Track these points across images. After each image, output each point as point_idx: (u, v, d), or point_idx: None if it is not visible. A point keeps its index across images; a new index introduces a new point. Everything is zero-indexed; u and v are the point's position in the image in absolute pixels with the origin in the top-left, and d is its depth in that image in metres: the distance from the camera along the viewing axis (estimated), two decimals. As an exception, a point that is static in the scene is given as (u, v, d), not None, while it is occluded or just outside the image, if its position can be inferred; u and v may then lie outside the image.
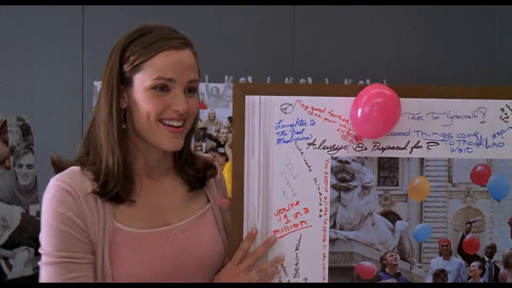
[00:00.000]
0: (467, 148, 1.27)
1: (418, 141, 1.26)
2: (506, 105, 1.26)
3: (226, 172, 2.79)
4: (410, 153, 1.26)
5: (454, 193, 1.29)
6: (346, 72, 3.02)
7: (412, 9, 2.97)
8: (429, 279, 1.29)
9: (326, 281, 1.25)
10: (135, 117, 1.13)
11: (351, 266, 1.29)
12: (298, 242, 1.26)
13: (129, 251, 1.11)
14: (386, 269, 1.30)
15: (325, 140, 1.25)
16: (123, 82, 1.13)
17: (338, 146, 1.25)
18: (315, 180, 1.25)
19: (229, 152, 2.88)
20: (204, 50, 3.15)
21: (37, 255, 2.54)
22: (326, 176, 1.25)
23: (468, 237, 1.30)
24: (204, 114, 2.92)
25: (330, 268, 1.27)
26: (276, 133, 1.24)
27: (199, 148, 2.92)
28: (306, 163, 1.25)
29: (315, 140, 1.25)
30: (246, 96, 1.24)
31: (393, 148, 1.26)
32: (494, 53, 3.12)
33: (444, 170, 1.28)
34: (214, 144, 2.91)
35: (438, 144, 1.26)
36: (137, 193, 1.16)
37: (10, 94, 3.18)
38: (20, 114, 2.58)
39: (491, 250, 1.30)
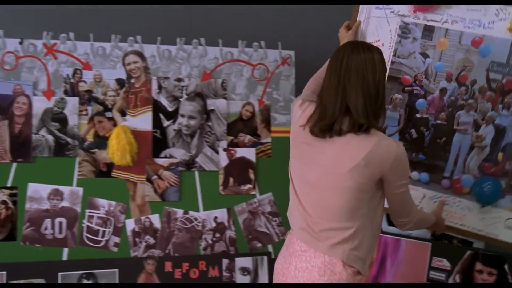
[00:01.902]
0: (472, 27, 2.38)
1: (447, 19, 2.40)
2: None
3: (114, 138, 2.69)
4: (441, 24, 2.41)
5: (460, 49, 2.39)
6: (240, 34, 2.95)
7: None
8: (437, 92, 2.43)
9: (385, 82, 1.98)
10: None
11: (399, 77, 2.48)
12: None
13: None
14: (416, 82, 2.45)
15: (399, 10, 2.47)
16: None
17: (405, 15, 2.45)
18: (390, 31, 2.47)
19: (117, 116, 2.76)
20: (89, 7, 2.99)
21: None
22: (396, 29, 2.47)
23: (462, 73, 2.39)
24: (89, 76, 2.75)
25: (388, 76, 2.41)
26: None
27: (84, 112, 2.72)
28: (387, 21, 2.46)
29: (394, 10, 2.48)
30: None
31: (433, 20, 2.42)
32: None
33: (457, 36, 2.40)
34: (100, 108, 2.76)
35: (458, 22, 2.38)
36: None
37: None
38: None
39: (473, 82, 2.39)
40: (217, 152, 2.86)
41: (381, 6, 2.46)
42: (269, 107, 2.93)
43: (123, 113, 2.77)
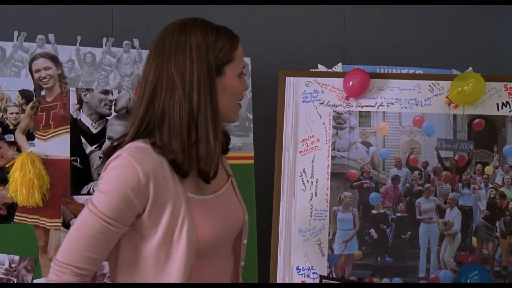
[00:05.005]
0: (410, 106, 2.42)
1: (382, 102, 2.43)
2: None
3: (17, 169, 2.28)
4: (377, 108, 2.42)
5: (403, 132, 2.41)
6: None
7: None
8: (389, 182, 2.40)
9: (329, 181, 2.38)
10: (222, 102, 1.46)
11: (344, 172, 2.42)
12: (313, 157, 2.41)
13: (205, 215, 1.45)
14: (364, 174, 2.42)
15: (329, 101, 2.45)
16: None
17: (336, 104, 2.45)
18: (323, 123, 2.44)
19: (22, 140, 2.34)
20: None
21: None
22: (330, 121, 2.44)
23: (411, 156, 2.40)
24: (-20, 85, 2.37)
25: (331, 173, 2.41)
26: (302, 97, 2.46)
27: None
28: (319, 113, 2.44)
29: (324, 101, 2.45)
30: (286, 78, 2.48)
31: (367, 106, 2.43)
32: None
33: (396, 118, 2.42)
34: (-2, 129, 2.39)
35: (393, 104, 2.43)
36: None
37: None
38: None
39: (425, 164, 2.40)
40: (156, 186, 2.45)
41: (308, 99, 2.46)
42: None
43: (30, 136, 2.40)
